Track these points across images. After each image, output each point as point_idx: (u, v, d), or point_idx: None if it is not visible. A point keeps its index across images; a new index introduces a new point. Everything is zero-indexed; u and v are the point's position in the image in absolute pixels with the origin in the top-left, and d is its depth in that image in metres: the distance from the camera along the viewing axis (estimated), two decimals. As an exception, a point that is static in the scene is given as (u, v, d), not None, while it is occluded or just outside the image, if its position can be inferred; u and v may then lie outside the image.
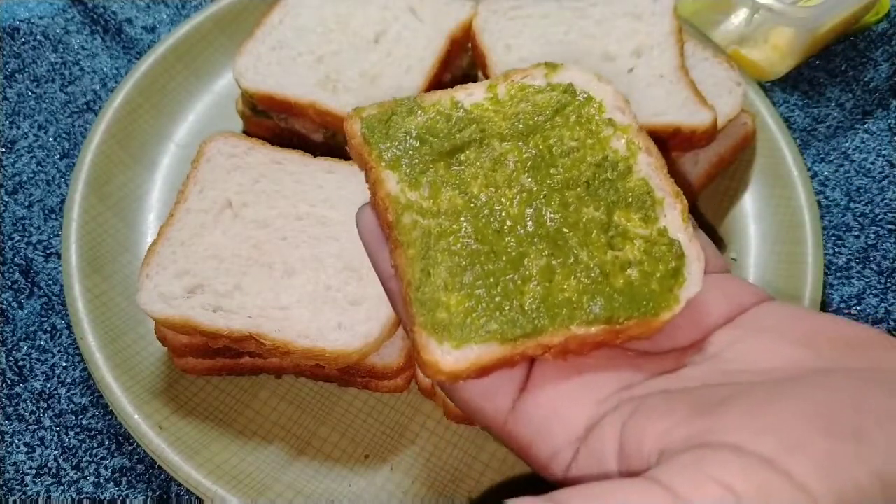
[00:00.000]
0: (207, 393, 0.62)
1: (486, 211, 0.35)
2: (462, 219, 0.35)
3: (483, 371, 0.33)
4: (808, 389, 0.28)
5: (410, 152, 0.37)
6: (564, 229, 0.34)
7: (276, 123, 0.71)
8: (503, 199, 0.35)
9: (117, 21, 0.85)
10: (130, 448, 0.61)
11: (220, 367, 0.62)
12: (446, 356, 0.32)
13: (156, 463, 0.57)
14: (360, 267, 0.59)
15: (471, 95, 0.40)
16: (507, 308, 0.32)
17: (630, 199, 0.35)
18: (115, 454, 0.61)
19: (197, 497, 0.56)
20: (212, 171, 0.63)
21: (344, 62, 0.69)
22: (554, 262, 0.33)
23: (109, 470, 0.61)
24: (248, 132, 0.73)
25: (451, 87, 0.81)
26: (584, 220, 0.34)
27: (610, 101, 0.38)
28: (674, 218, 0.35)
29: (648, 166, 0.36)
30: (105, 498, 0.60)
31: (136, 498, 0.60)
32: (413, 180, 0.36)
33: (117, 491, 0.60)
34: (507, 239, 0.34)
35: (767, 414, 0.27)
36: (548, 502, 0.25)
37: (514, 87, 0.39)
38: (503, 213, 0.35)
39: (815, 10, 0.76)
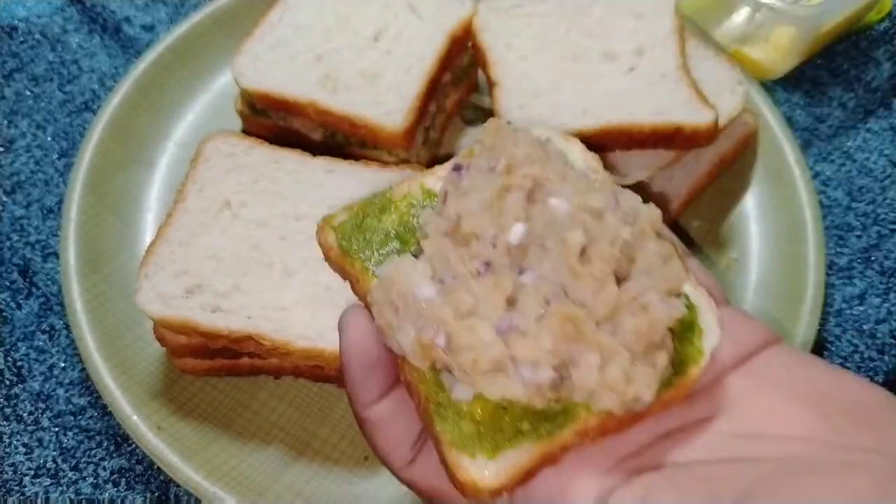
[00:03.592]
0: (206, 394, 0.61)
1: None
2: None
3: (527, 476, 0.30)
4: (827, 485, 0.27)
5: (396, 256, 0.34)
6: None
7: (275, 123, 0.71)
8: None
9: (115, 20, 0.84)
10: (129, 449, 0.61)
11: (218, 368, 0.61)
12: (483, 471, 0.29)
13: (154, 464, 0.57)
14: (359, 267, 0.58)
15: (440, 180, 0.37)
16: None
17: None
18: (114, 455, 0.61)
19: (196, 498, 0.56)
20: (210, 170, 0.63)
21: (344, 61, 0.69)
22: None
23: (108, 471, 0.60)
24: (247, 131, 0.73)
25: (452, 86, 0.81)
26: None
27: (580, 159, 0.37)
28: None
29: None
30: (104, 499, 0.59)
31: (134, 499, 0.59)
32: None
33: (116, 492, 0.60)
34: None
35: None
36: None
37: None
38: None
39: (817, 9, 0.75)
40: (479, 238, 0.32)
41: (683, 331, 0.32)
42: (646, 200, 0.34)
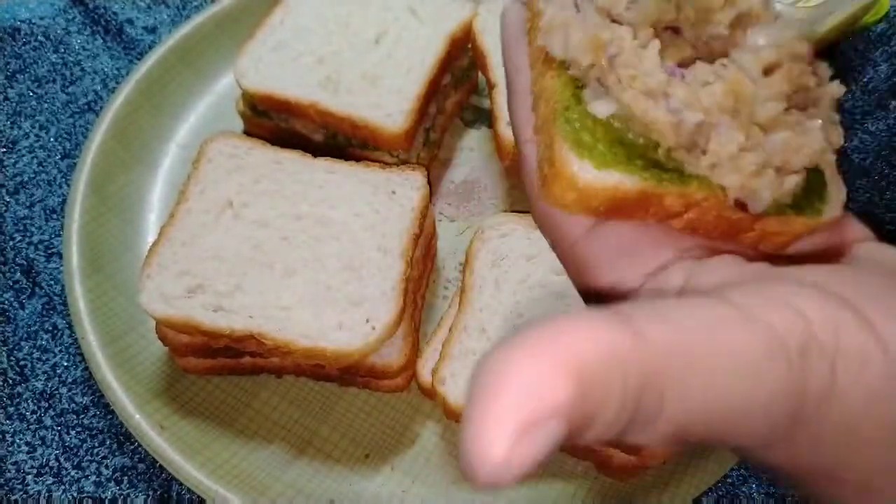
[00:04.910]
0: (208, 392, 0.62)
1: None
2: None
3: (612, 207, 0.30)
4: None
5: None
6: None
7: (277, 124, 0.72)
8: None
9: (118, 21, 0.85)
10: (131, 447, 0.61)
11: (220, 367, 0.62)
12: (585, 172, 0.29)
13: (157, 462, 0.58)
14: (360, 267, 0.59)
15: None
16: (659, 147, 0.30)
17: None
18: (117, 453, 0.61)
19: (198, 496, 0.56)
20: (213, 171, 0.64)
21: (344, 63, 0.69)
22: None
23: (111, 469, 0.61)
24: (248, 132, 0.73)
25: (452, 87, 0.81)
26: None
27: (787, 12, 0.37)
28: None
29: None
30: (106, 497, 0.60)
31: (137, 497, 0.60)
32: None
33: (118, 490, 0.60)
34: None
35: (853, 272, 0.25)
36: (613, 315, 0.22)
37: None
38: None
39: (815, 12, 0.76)
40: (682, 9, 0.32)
41: (810, 191, 0.31)
42: None
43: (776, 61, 0.30)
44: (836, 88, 0.33)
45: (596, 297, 0.31)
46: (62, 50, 0.83)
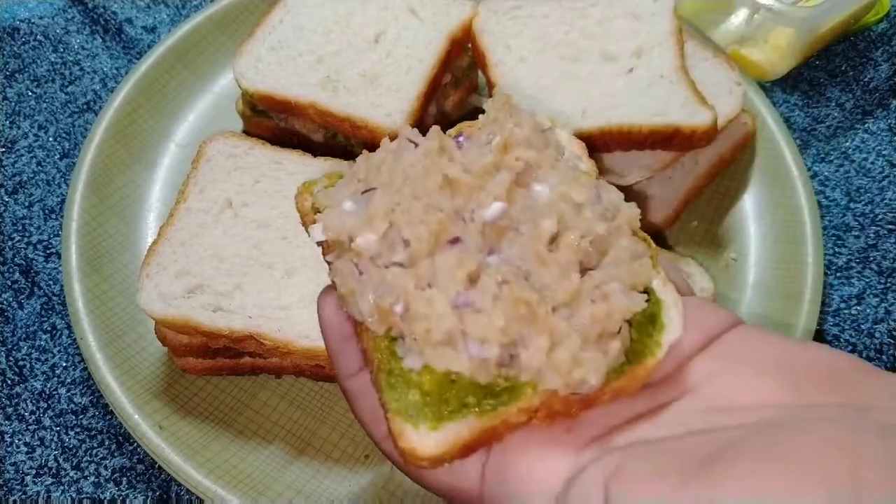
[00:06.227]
0: (207, 393, 0.62)
1: None
2: None
3: (467, 449, 0.31)
4: (797, 437, 0.27)
5: None
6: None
7: (276, 123, 0.71)
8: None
9: (117, 21, 0.85)
10: (130, 448, 0.61)
11: (220, 367, 0.62)
12: (424, 440, 0.30)
13: (156, 463, 0.57)
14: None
15: None
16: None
17: None
18: (116, 454, 0.61)
19: (197, 497, 0.56)
20: (212, 170, 0.63)
21: (344, 62, 0.69)
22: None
23: (109, 470, 0.61)
24: (248, 132, 0.73)
25: (452, 87, 0.81)
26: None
27: (567, 147, 0.36)
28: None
29: None
30: (105, 498, 0.60)
31: (136, 498, 0.60)
32: None
33: (117, 491, 0.60)
34: None
35: (759, 475, 0.26)
36: None
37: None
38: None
39: (816, 10, 0.76)
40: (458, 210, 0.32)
41: (645, 323, 0.32)
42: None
43: (560, 228, 0.31)
44: (630, 213, 0.33)
45: None
46: (61, 49, 0.83)
